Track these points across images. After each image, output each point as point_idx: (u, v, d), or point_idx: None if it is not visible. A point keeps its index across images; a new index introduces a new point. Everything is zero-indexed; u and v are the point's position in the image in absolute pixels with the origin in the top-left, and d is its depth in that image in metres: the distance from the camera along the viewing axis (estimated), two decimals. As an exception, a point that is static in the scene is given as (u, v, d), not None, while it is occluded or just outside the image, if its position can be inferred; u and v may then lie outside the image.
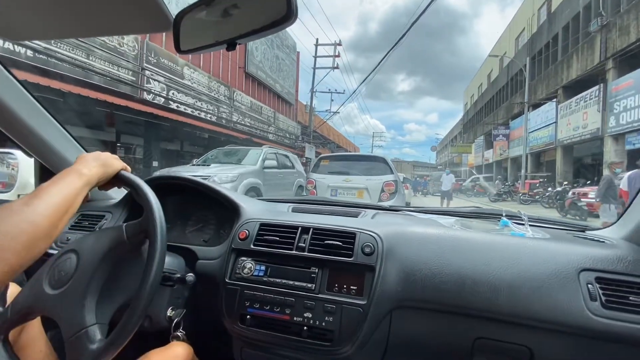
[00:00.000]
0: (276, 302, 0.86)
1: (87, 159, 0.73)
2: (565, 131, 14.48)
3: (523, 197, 14.56)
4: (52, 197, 0.60)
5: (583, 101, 13.17)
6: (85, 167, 0.70)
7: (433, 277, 0.81)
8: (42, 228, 0.55)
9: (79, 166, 0.70)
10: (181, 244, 1.02)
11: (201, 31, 0.64)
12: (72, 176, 0.66)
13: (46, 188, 0.61)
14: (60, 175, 0.66)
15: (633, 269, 0.75)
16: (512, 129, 21.46)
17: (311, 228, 0.94)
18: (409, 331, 0.84)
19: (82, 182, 0.67)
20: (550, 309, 0.73)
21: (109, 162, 0.76)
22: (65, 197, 0.62)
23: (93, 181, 0.71)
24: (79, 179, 0.67)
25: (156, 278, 0.62)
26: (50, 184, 0.62)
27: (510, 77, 22.20)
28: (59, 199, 0.61)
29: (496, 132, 22.35)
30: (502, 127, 22.36)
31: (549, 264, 0.78)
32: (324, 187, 5.25)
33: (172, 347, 0.77)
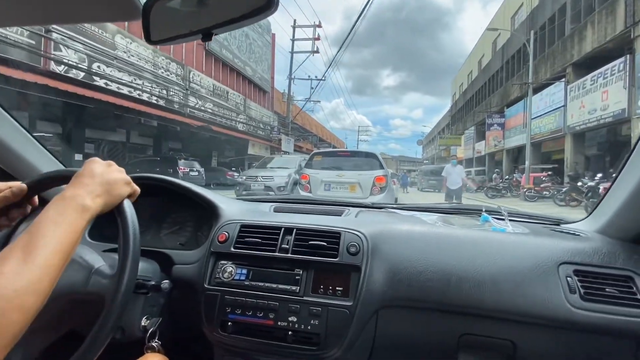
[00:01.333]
0: (259, 306, 0.83)
1: (90, 182, 0.57)
2: (578, 115, 12.39)
3: (529, 192, 12.49)
4: (52, 242, 0.47)
5: (602, 78, 11.08)
6: (89, 197, 0.55)
7: (419, 275, 0.82)
8: (43, 290, 0.44)
9: (80, 193, 0.54)
10: (156, 249, 0.96)
11: (174, 20, 0.59)
12: (75, 213, 0.52)
13: (43, 230, 0.47)
14: (58, 208, 0.51)
15: (608, 261, 0.78)
16: (508, 117, 19.44)
17: (294, 228, 0.93)
18: (395, 330, 0.85)
19: (85, 221, 0.53)
20: (533, 303, 0.75)
21: (116, 189, 0.60)
22: (68, 244, 0.49)
23: (95, 215, 0.56)
24: (82, 215, 0.53)
25: (128, 287, 0.58)
26: (48, 223, 0.49)
27: (505, 59, 20.13)
28: (61, 246, 0.48)
29: (490, 120, 20.32)
30: (496, 115, 20.35)
31: (530, 259, 0.80)
32: (317, 182, 5.35)
33: (146, 359, 0.73)
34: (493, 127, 20.24)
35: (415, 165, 60.22)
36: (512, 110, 18.85)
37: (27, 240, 0.46)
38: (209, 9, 0.55)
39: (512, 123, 18.90)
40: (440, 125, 44.48)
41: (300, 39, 23.60)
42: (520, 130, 17.44)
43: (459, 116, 33.10)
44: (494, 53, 23.07)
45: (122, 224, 0.61)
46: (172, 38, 0.61)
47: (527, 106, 15.11)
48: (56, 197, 0.53)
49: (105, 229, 0.96)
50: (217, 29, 0.55)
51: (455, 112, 35.18)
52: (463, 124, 30.85)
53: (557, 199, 10.43)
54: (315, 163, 5.73)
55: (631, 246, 0.83)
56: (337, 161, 5.68)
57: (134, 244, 0.60)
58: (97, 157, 0.63)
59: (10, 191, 0.63)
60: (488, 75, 23.42)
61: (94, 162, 0.61)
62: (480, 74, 25.88)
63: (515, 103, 18.45)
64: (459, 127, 32.81)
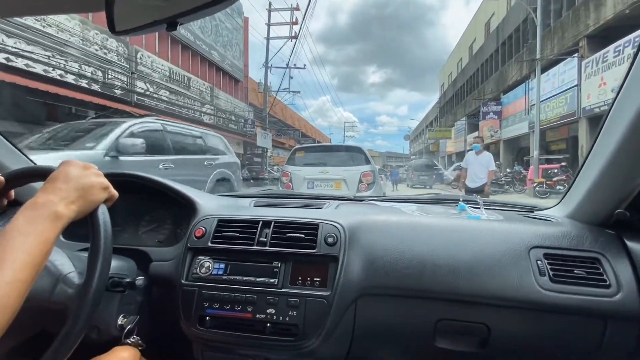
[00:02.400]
0: (237, 300, 0.83)
1: (65, 187, 0.54)
2: (596, 95, 10.50)
3: (539, 188, 10.60)
4: (20, 255, 0.44)
5: (631, 46, 9.17)
6: (62, 203, 0.52)
7: (395, 263, 0.83)
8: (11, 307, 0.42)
9: (53, 199, 0.51)
10: (133, 246, 0.96)
11: (137, 10, 0.58)
12: (46, 221, 0.49)
13: (12, 242, 0.45)
14: (28, 216, 0.48)
15: (576, 244, 0.81)
16: (505, 104, 17.63)
17: (272, 222, 0.92)
18: (373, 318, 0.85)
19: (58, 229, 0.50)
20: (505, 286, 0.77)
21: (92, 195, 0.58)
22: (39, 256, 0.46)
23: (69, 222, 0.53)
24: (54, 224, 0.50)
25: (98, 288, 0.57)
26: (17, 234, 0.46)
27: (501, 41, 18.27)
28: (31, 258, 0.45)
29: (485, 109, 18.47)
30: (492, 103, 18.50)
31: (502, 244, 0.83)
32: (299, 179, 4.96)
33: (115, 353, 0.70)
34: (489, 115, 18.39)
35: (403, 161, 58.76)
36: (510, 96, 17.01)
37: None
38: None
39: (510, 110, 17.07)
40: (429, 119, 42.74)
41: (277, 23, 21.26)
42: (521, 117, 15.61)
43: (449, 108, 31.35)
44: (487, 36, 21.23)
45: (94, 231, 0.59)
46: (136, 28, 0.59)
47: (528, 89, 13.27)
48: (27, 203, 0.50)
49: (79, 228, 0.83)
50: (182, 18, 0.53)
51: (444, 104, 33.42)
52: (453, 115, 29.08)
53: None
54: (298, 159, 5.26)
55: (598, 229, 0.86)
56: (320, 157, 5.28)
57: (105, 253, 0.59)
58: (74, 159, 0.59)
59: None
60: (481, 60, 21.58)
61: (70, 164, 0.58)
62: (472, 61, 24.06)
63: (514, 88, 16.61)
64: (448, 119, 31.05)
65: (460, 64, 28.48)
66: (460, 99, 26.61)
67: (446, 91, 32.51)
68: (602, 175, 0.81)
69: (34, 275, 0.46)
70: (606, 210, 0.85)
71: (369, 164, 5.02)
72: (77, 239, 0.97)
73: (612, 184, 0.81)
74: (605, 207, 0.85)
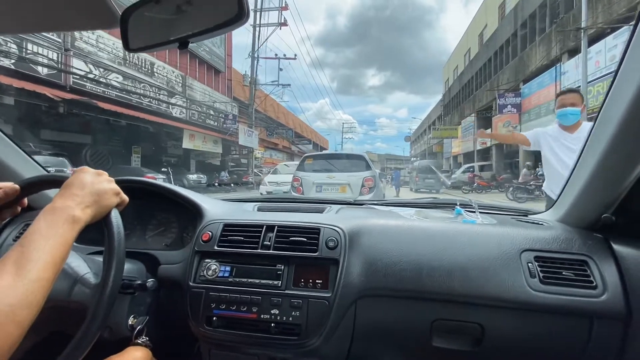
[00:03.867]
0: (243, 301, 0.86)
1: (80, 193, 0.57)
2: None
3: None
4: (43, 256, 0.48)
5: None
6: (79, 208, 0.56)
7: (393, 265, 0.86)
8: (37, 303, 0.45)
9: (70, 204, 0.55)
10: (141, 250, 0.99)
11: (151, 29, 0.62)
12: (65, 224, 0.52)
13: (35, 244, 0.48)
14: (48, 220, 0.52)
15: (565, 247, 0.84)
16: (527, 95, 15.10)
17: (276, 226, 0.95)
18: (372, 319, 0.87)
19: (75, 232, 0.54)
20: (497, 288, 0.80)
21: (105, 200, 0.61)
22: (59, 257, 0.50)
23: (85, 225, 0.57)
24: (73, 227, 0.53)
25: (111, 298, 0.60)
26: (39, 236, 0.49)
27: (520, 22, 15.75)
28: (53, 258, 0.49)
29: (502, 101, 15.91)
30: (510, 94, 15.95)
31: (496, 247, 0.85)
32: (309, 184, 5.43)
33: (128, 352, 0.74)
34: (506, 109, 15.83)
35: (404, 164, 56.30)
36: (534, 85, 14.48)
37: (19, 253, 0.46)
38: (184, 19, 0.58)
39: (532, 102, 14.53)
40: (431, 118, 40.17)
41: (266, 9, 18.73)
42: (548, 108, 13.04)
43: (454, 105, 28.84)
44: (502, 19, 18.75)
45: (109, 234, 0.62)
46: (149, 46, 0.63)
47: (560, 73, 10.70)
48: (46, 208, 0.54)
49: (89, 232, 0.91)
50: (192, 38, 0.58)
51: (448, 101, 30.91)
52: (459, 112, 26.57)
53: None
54: (307, 166, 5.82)
55: (586, 233, 0.88)
56: (327, 164, 5.75)
57: (119, 255, 0.61)
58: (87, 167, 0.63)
59: (3, 191, 0.63)
60: (494, 48, 19.07)
61: (84, 171, 0.62)
62: (483, 49, 21.55)
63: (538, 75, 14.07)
64: (454, 117, 28.55)
65: (468, 55, 26.00)
66: (469, 93, 24.09)
67: (451, 87, 29.99)
68: (589, 180, 0.83)
69: (55, 274, 0.49)
70: (594, 214, 0.88)
71: (370, 170, 5.49)
72: (87, 242, 0.98)
73: (599, 189, 0.84)
74: (592, 212, 0.88)
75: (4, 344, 0.40)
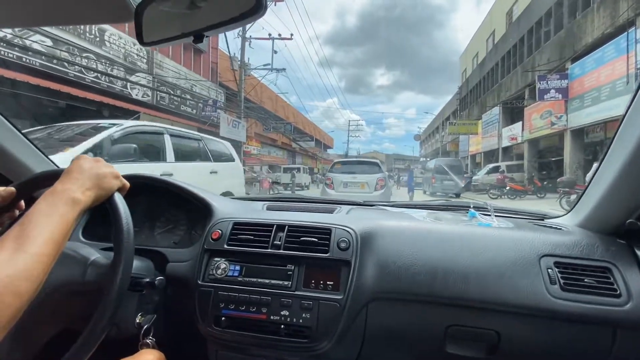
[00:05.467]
0: (252, 301, 0.84)
1: (80, 177, 0.58)
2: None
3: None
4: (43, 233, 0.48)
5: None
6: (79, 191, 0.56)
7: (407, 268, 0.84)
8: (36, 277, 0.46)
9: (71, 187, 0.56)
10: (150, 247, 0.98)
11: (166, 22, 0.61)
12: (66, 205, 0.53)
13: (34, 221, 0.49)
14: (48, 201, 0.52)
15: (587, 253, 0.80)
16: (576, 76, 11.94)
17: (286, 225, 0.93)
18: (384, 322, 0.85)
19: (76, 213, 0.54)
20: (515, 294, 0.77)
21: (106, 183, 0.62)
22: (60, 234, 0.50)
23: (86, 209, 0.57)
24: (73, 208, 0.54)
25: (125, 275, 0.60)
26: (39, 214, 0.50)
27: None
28: (53, 235, 0.49)
29: (543, 84, 12.74)
30: (554, 75, 12.77)
31: (513, 252, 0.82)
32: (338, 182, 7.24)
33: (141, 355, 0.73)
34: (548, 94, 12.67)
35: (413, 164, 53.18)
36: (588, 62, 11.34)
37: (19, 230, 0.47)
38: (199, 12, 0.56)
39: (586, 84, 11.38)
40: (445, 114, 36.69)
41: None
42: (613, 90, 9.91)
43: (473, 97, 25.61)
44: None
45: (115, 215, 0.62)
46: (164, 40, 0.62)
47: (634, 40, 7.58)
48: (46, 191, 0.54)
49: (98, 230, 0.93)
50: (207, 31, 0.57)
51: (466, 94, 27.66)
52: (480, 106, 23.37)
53: None
54: (336, 169, 7.70)
55: (609, 239, 0.85)
56: (351, 167, 7.56)
57: (128, 234, 0.61)
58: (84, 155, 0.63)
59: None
60: (529, 24, 15.86)
61: (82, 158, 0.62)
62: (512, 29, 18.30)
63: (593, 50, 10.91)
64: (472, 111, 25.33)
65: (492, 38, 22.74)
66: (492, 82, 20.88)
67: (470, 77, 26.72)
68: (613, 184, 0.81)
69: (56, 252, 0.49)
70: (617, 219, 0.84)
71: (382, 173, 7.37)
72: (97, 239, 0.97)
73: (623, 193, 0.81)
74: (616, 217, 0.85)
75: (3, 314, 0.40)
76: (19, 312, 0.42)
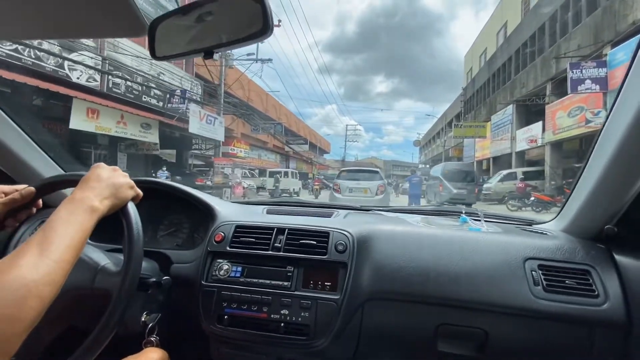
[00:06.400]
0: (253, 301, 0.88)
1: (98, 186, 0.61)
2: None
3: None
4: (64, 240, 0.51)
5: None
6: (97, 199, 0.59)
7: (400, 270, 0.88)
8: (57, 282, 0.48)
9: (89, 195, 0.59)
10: (154, 249, 1.01)
11: (177, 38, 0.64)
12: (84, 213, 0.56)
13: (56, 229, 0.51)
14: (68, 208, 0.55)
15: (569, 257, 0.86)
16: (618, 63, 9.73)
17: (287, 229, 0.97)
18: (379, 321, 0.89)
19: (94, 221, 0.57)
20: (502, 294, 0.81)
21: (122, 193, 0.65)
22: (79, 241, 0.53)
23: (102, 217, 0.60)
24: (91, 216, 0.57)
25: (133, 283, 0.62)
26: (60, 222, 0.53)
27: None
28: (72, 242, 0.52)
29: (577, 73, 10.55)
30: (590, 62, 10.57)
31: (500, 255, 0.87)
32: (344, 187, 8.19)
33: (146, 354, 0.75)
34: (582, 85, 10.46)
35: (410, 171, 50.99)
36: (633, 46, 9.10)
37: (41, 237, 0.49)
38: (210, 30, 0.60)
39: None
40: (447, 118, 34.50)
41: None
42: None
43: (479, 98, 23.49)
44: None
45: (127, 224, 0.65)
46: (175, 55, 0.65)
47: None
48: (66, 199, 0.57)
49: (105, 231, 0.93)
50: (217, 48, 0.60)
51: (471, 94, 25.53)
52: (488, 107, 21.27)
53: None
54: (342, 176, 8.63)
55: (589, 243, 0.90)
56: (356, 175, 8.50)
57: (138, 243, 0.64)
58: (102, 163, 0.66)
59: (19, 194, 0.66)
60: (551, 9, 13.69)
61: (100, 167, 0.64)
62: (530, 17, 16.17)
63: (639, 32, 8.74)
64: (478, 113, 23.20)
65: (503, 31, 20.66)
66: (504, 79, 18.75)
67: (476, 76, 24.59)
68: (594, 192, 0.84)
69: (75, 258, 0.51)
70: (597, 225, 0.89)
71: (382, 180, 8.38)
72: (106, 241, 0.99)
73: (602, 200, 0.85)
74: (596, 223, 0.89)
75: (27, 315, 0.43)
76: (40, 314, 0.45)
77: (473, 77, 25.63)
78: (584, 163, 0.87)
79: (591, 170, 0.83)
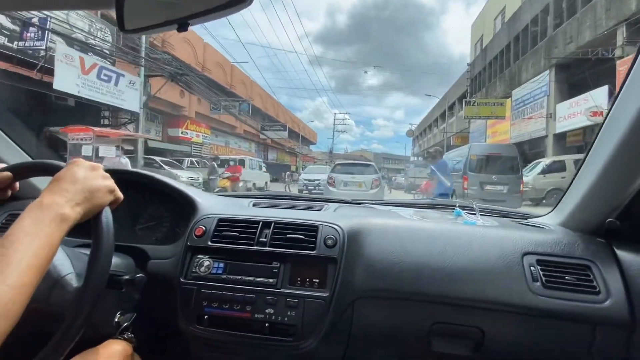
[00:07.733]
0: (236, 299, 0.83)
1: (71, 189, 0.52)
2: None
3: None
4: (25, 257, 0.43)
5: None
6: (68, 205, 0.51)
7: (393, 266, 0.84)
8: (14, 313, 0.41)
9: (59, 201, 0.50)
10: (130, 244, 0.94)
11: (148, 9, 0.59)
12: (53, 223, 0.48)
13: (17, 244, 0.43)
14: (33, 216, 0.47)
15: (568, 252, 0.82)
16: None
17: (273, 222, 0.93)
18: (370, 320, 0.86)
19: (63, 232, 0.49)
20: (498, 291, 0.78)
21: (98, 198, 0.56)
22: (44, 259, 0.45)
23: (73, 226, 0.52)
24: (60, 226, 0.49)
25: (94, 293, 0.57)
26: (22, 236, 0.44)
27: None
28: (36, 261, 0.44)
29: None
30: None
31: (497, 250, 0.84)
32: (339, 181, 8.14)
33: (107, 345, 0.69)
34: None
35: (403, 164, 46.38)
36: None
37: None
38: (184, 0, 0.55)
39: None
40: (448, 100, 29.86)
41: None
42: None
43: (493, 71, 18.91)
44: None
45: (96, 236, 0.59)
46: (146, 28, 0.60)
47: None
48: (33, 203, 0.49)
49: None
50: (192, 20, 0.55)
51: (481, 70, 20.91)
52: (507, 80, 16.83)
53: None
54: (337, 169, 8.74)
55: (589, 237, 0.86)
56: (350, 168, 8.66)
57: (105, 258, 0.59)
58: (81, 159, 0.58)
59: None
60: None
61: (78, 164, 0.56)
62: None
63: None
64: (493, 89, 18.66)
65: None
66: (533, 40, 14.13)
67: (489, 45, 19.91)
68: (594, 184, 0.82)
69: (38, 279, 0.44)
70: (597, 219, 0.86)
71: (377, 174, 8.45)
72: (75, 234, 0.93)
73: (603, 193, 0.83)
74: (596, 216, 0.86)
75: None
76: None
77: (484, 47, 20.93)
78: (585, 155, 0.85)
79: (593, 163, 0.82)
